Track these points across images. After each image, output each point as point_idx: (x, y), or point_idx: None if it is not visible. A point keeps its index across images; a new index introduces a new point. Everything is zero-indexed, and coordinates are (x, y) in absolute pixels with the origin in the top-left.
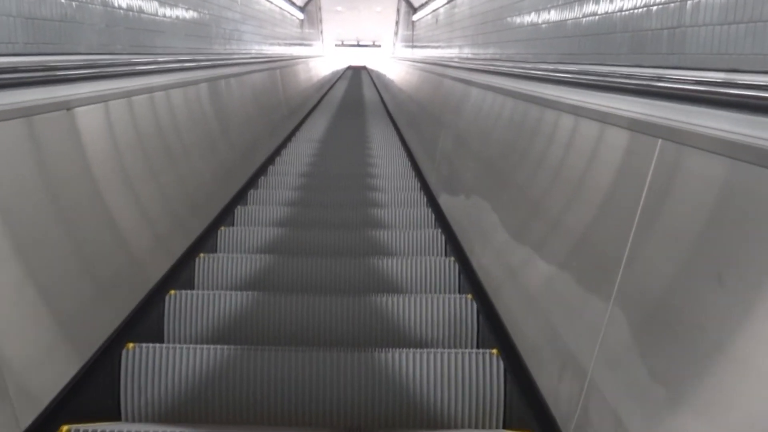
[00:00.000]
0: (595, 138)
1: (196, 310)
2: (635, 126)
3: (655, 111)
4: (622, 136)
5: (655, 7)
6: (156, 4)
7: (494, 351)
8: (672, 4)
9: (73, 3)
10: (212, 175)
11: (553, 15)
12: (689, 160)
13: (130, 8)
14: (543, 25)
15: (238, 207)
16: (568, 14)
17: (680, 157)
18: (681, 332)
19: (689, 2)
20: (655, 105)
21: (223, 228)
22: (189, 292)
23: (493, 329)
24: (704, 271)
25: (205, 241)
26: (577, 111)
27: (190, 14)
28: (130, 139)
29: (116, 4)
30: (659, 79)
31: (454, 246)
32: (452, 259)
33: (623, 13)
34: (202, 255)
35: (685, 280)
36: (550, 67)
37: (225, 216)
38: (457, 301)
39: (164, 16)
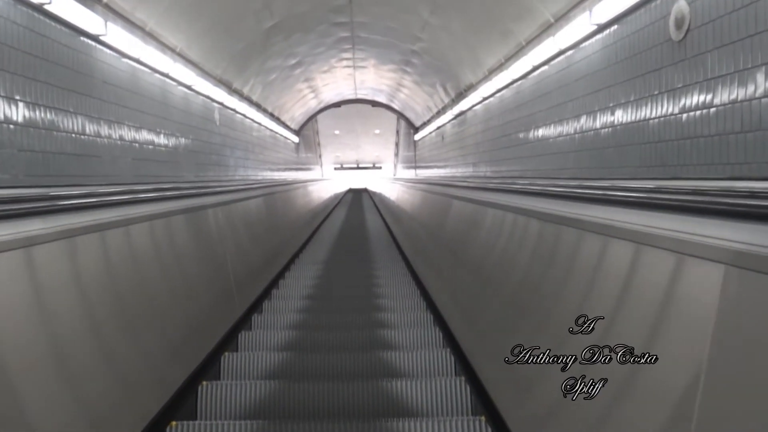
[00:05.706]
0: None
1: None
2: None
3: None
4: None
5: None
6: (83, 119)
7: None
8: None
9: None
10: (207, 307)
11: (620, 115)
12: None
13: (31, 123)
14: (603, 131)
15: (242, 332)
16: (650, 111)
17: None
18: None
19: None
20: None
21: (226, 353)
22: (191, 422)
23: None
24: None
25: (208, 368)
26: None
27: (143, 135)
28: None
29: (1, 116)
30: None
31: (463, 366)
32: (462, 378)
33: None
34: (204, 383)
35: None
36: (634, 185)
37: (228, 342)
38: (471, 423)
39: (99, 135)
